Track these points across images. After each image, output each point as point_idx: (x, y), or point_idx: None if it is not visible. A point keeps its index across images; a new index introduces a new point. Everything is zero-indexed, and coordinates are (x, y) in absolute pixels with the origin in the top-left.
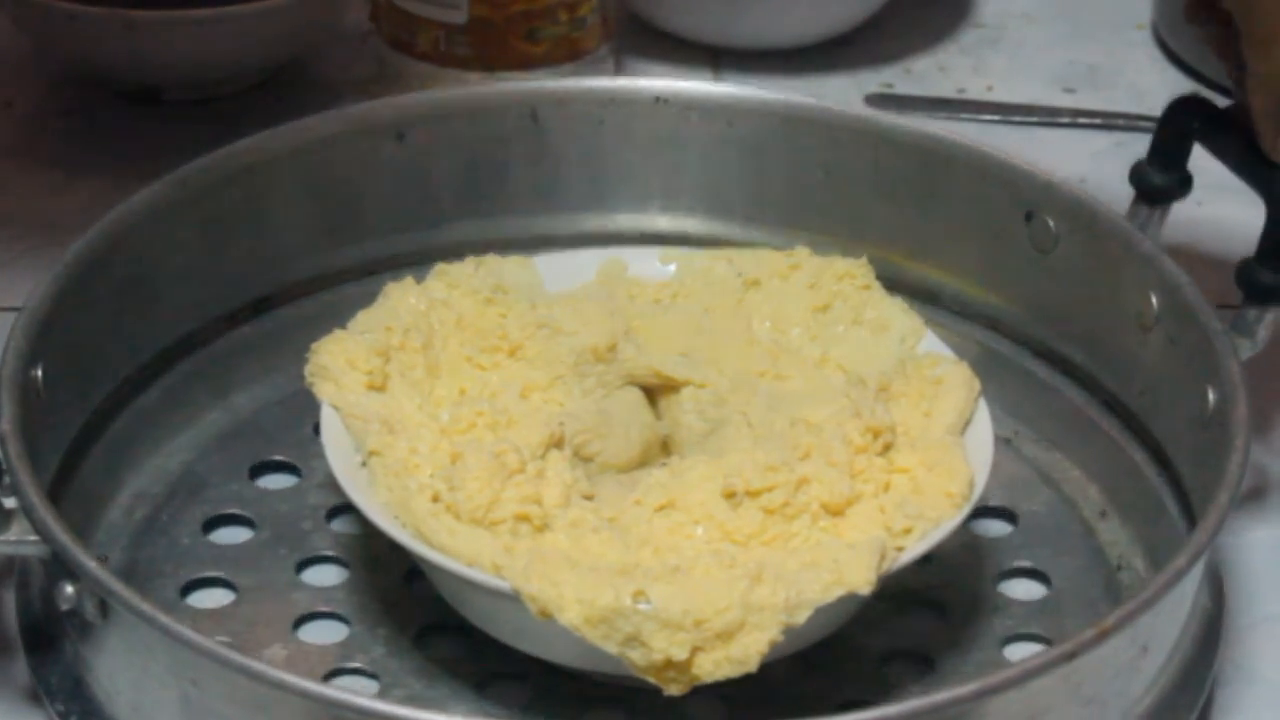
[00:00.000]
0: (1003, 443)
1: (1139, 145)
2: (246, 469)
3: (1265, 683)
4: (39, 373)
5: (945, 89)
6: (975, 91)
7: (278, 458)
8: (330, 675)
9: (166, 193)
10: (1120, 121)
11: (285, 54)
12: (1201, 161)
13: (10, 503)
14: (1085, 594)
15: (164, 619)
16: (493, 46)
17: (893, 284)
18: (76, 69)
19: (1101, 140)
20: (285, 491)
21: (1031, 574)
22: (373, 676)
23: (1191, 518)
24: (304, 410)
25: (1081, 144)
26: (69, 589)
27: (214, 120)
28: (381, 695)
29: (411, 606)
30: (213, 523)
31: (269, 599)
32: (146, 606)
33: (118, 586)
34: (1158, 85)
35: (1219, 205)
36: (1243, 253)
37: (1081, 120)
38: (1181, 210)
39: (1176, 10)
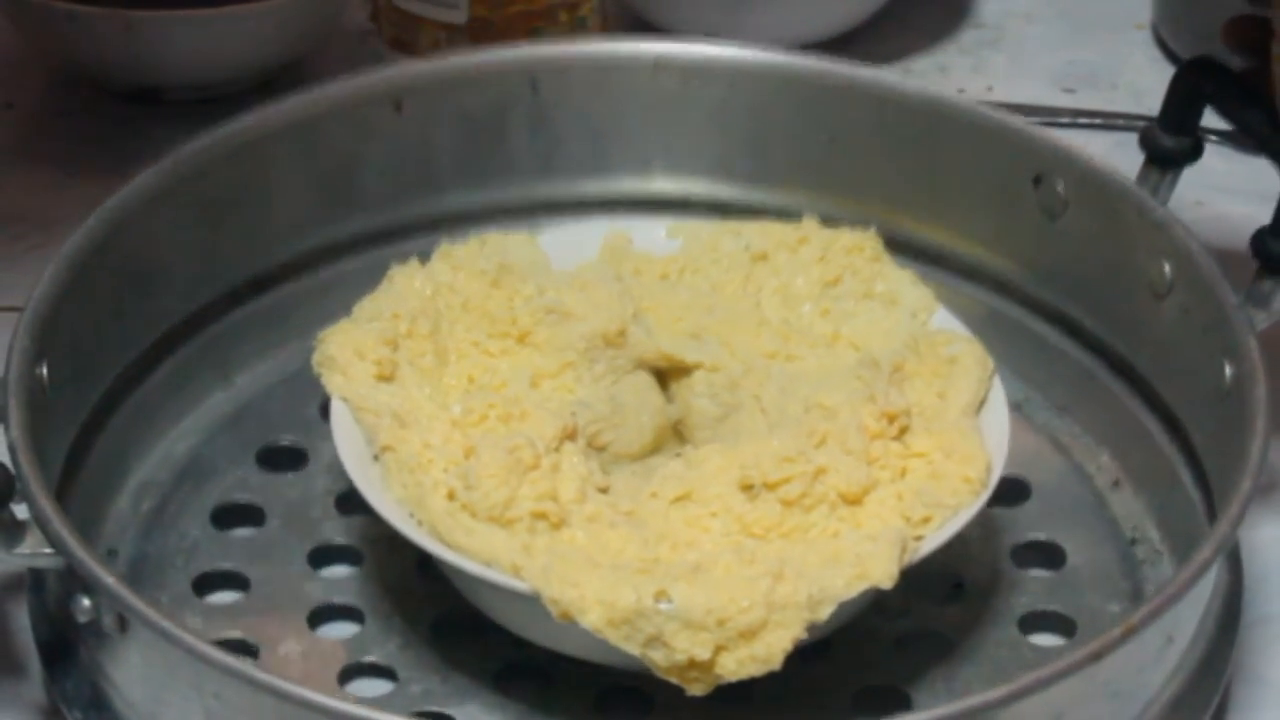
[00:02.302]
0: (1013, 408)
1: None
2: (253, 454)
3: (1265, 683)
4: (44, 370)
5: (945, 89)
6: (975, 92)
7: (284, 441)
8: (346, 672)
9: (162, 176)
10: (1120, 121)
11: (285, 54)
12: (1202, 160)
13: (23, 514)
14: (1101, 568)
15: (187, 637)
16: None
17: (900, 245)
18: (76, 69)
19: (1101, 140)
20: (293, 477)
21: (1046, 547)
22: (389, 672)
23: (1206, 489)
24: (308, 390)
25: (1081, 144)
26: (86, 602)
27: (214, 120)
28: (398, 692)
29: (425, 595)
30: (221, 512)
31: (281, 592)
32: (169, 624)
33: (137, 603)
34: (1158, 85)
35: (1219, 205)
36: (1242, 252)
37: (1081, 120)
38: (1181, 210)
39: (1176, 10)
